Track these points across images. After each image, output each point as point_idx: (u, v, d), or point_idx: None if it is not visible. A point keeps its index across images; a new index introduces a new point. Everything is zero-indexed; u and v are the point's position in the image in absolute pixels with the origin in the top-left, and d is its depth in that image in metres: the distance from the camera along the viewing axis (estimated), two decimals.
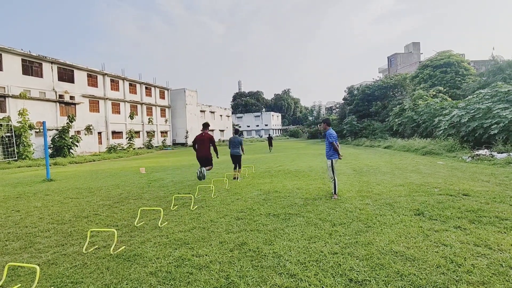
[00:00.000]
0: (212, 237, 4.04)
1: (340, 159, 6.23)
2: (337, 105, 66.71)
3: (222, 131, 55.60)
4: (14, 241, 4.24)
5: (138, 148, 34.65)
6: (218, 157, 6.96)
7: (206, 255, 3.46)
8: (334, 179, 6.09)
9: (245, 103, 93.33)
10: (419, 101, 23.39)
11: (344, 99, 44.44)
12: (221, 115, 56.42)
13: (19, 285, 2.93)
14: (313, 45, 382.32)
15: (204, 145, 7.08)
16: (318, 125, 54.37)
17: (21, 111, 21.00)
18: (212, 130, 51.37)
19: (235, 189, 7.49)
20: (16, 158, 19.37)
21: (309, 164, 12.35)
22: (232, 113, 72.12)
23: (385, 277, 2.79)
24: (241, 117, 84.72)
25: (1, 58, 22.08)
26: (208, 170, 7.15)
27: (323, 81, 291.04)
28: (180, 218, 5.06)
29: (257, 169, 11.36)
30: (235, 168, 9.56)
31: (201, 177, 7.01)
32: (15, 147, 19.50)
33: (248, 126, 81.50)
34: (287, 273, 2.94)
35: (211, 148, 7.49)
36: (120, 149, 30.25)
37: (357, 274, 2.86)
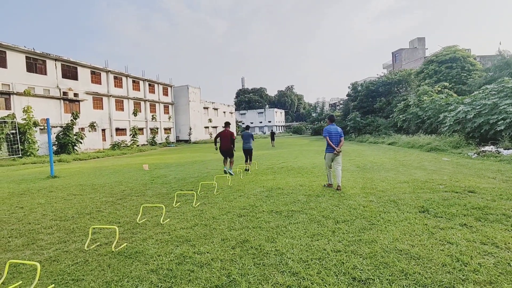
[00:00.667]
0: (214, 234, 4.02)
1: (336, 153, 6.32)
2: (341, 102, 66.12)
3: None
4: (17, 238, 4.25)
5: (141, 145, 34.78)
6: (234, 150, 9.12)
7: (207, 252, 3.44)
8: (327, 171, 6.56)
9: (248, 99, 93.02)
10: (424, 97, 23.13)
11: (348, 95, 44.04)
12: (224, 112, 56.40)
13: (20, 282, 2.93)
14: (314, 45, 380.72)
15: (227, 140, 8.94)
16: (322, 121, 54.29)
17: (25, 108, 21.14)
18: (216, 127, 51.46)
19: (238, 185, 7.47)
20: (21, 155, 19.53)
21: (312, 161, 12.29)
22: (236, 110, 72.07)
23: (389, 275, 2.73)
24: (244, 113, 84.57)
25: (5, 56, 22.22)
26: (231, 165, 9.11)
27: (326, 78, 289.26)
28: (182, 215, 5.04)
29: (260, 166, 11.33)
30: (246, 161, 10.61)
31: (228, 172, 8.73)
32: (19, 144, 19.65)
33: (252, 123, 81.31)
34: (289, 271, 2.90)
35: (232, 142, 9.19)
36: (123, 146, 30.38)
37: (360, 272, 2.81)
